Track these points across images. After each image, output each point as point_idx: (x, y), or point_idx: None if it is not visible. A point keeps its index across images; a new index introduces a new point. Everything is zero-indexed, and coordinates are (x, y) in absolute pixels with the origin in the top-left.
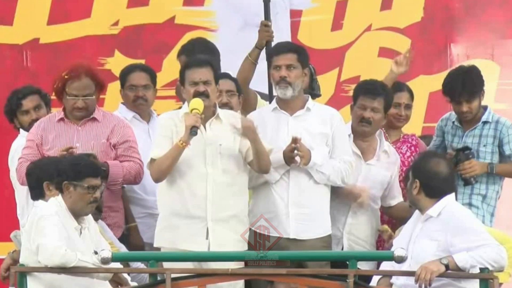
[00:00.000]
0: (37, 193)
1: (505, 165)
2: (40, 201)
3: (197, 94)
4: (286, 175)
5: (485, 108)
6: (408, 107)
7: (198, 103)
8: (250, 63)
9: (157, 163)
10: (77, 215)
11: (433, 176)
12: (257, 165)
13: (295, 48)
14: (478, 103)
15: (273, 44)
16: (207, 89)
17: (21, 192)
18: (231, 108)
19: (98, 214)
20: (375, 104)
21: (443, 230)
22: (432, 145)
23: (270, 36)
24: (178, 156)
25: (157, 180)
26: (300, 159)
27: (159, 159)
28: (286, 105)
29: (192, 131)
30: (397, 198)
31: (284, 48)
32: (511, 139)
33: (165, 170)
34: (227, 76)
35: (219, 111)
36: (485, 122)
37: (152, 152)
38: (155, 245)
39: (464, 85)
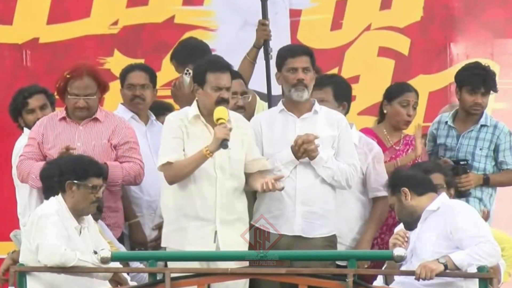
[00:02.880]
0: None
1: (498, 176)
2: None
3: (221, 101)
4: (294, 172)
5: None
6: (415, 107)
7: (223, 112)
8: (249, 63)
9: (176, 167)
10: (79, 214)
11: (413, 176)
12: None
13: (309, 51)
14: (487, 100)
15: (271, 43)
16: (229, 96)
17: (23, 191)
18: (245, 110)
19: (98, 214)
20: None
21: (442, 221)
22: (427, 151)
23: (267, 35)
24: (201, 164)
25: (172, 183)
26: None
27: (179, 163)
28: (294, 107)
29: (224, 144)
30: (375, 192)
31: (300, 50)
32: (507, 147)
33: (185, 175)
34: (239, 76)
35: (230, 114)
36: (482, 125)
37: (167, 155)
38: (162, 245)
39: (486, 77)
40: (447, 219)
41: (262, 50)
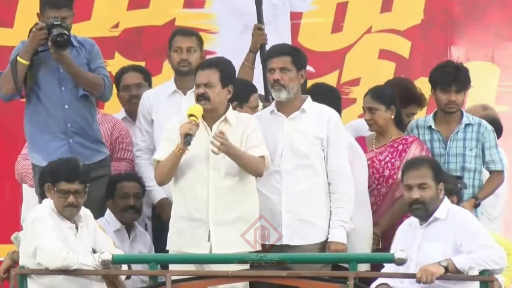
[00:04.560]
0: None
1: (484, 190)
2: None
3: (197, 97)
4: (279, 181)
5: (461, 111)
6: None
7: (196, 109)
8: (248, 68)
9: (159, 166)
10: (64, 216)
11: (448, 179)
12: (247, 172)
13: (289, 51)
14: (463, 98)
15: (267, 47)
16: (206, 91)
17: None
18: None
19: (136, 214)
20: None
21: (450, 231)
22: None
23: (264, 40)
24: (176, 162)
25: (160, 183)
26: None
27: (161, 163)
28: (283, 107)
29: (186, 140)
30: None
31: (277, 51)
32: (492, 145)
33: (166, 174)
34: (256, 90)
35: (229, 113)
36: (467, 125)
37: (156, 154)
38: (167, 248)
39: (457, 75)
40: (457, 231)
41: (258, 54)
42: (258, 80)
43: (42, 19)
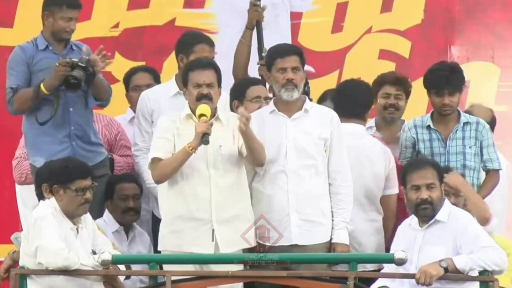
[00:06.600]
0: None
1: (484, 189)
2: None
3: (200, 97)
4: (285, 181)
5: (457, 109)
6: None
7: (205, 109)
8: (245, 45)
9: (161, 165)
10: (71, 216)
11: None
12: (252, 159)
13: (298, 51)
14: (458, 99)
15: (267, 46)
16: (210, 91)
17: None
18: None
19: (135, 215)
20: None
21: (451, 234)
22: (402, 159)
23: (259, 16)
24: (184, 161)
25: (158, 181)
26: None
27: (164, 161)
28: (285, 107)
29: (204, 139)
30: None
31: (289, 50)
32: (490, 143)
33: (170, 173)
34: (262, 82)
35: (220, 112)
36: (465, 123)
37: (153, 152)
38: (159, 249)
39: (449, 77)
40: (458, 234)
41: (256, 51)
42: (254, 68)
43: (53, 19)
